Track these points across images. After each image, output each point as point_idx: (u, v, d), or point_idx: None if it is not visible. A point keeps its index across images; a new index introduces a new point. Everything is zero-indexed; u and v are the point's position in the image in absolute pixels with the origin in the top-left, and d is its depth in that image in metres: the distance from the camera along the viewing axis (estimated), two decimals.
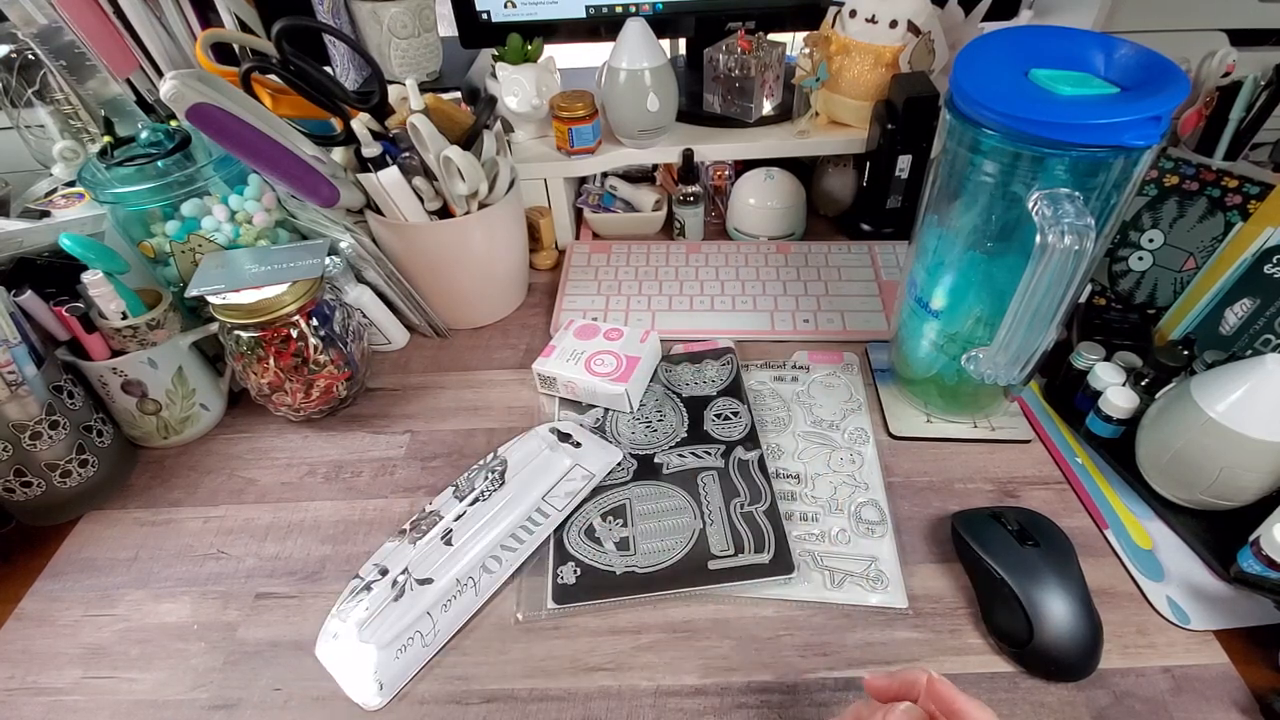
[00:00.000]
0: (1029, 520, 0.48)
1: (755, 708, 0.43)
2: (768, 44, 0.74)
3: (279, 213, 0.64)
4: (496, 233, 0.67)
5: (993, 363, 0.49)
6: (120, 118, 0.71)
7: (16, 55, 0.67)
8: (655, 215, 0.81)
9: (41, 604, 0.50)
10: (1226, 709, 0.42)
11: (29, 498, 0.53)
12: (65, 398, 0.53)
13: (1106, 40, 0.44)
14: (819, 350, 0.66)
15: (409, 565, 0.49)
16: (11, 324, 0.50)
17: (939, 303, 0.53)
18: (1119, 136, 0.40)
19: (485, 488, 0.54)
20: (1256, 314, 0.54)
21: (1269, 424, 0.44)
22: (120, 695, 0.45)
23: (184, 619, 0.49)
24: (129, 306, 0.55)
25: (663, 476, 0.55)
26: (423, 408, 0.64)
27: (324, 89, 0.60)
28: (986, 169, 0.46)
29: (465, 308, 0.71)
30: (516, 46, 0.73)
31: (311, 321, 0.57)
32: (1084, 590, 0.44)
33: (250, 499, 0.57)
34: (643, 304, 0.72)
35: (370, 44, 0.78)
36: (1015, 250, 0.46)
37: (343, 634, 0.46)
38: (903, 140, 0.70)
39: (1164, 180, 0.61)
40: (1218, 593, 0.47)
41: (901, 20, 0.69)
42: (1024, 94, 0.42)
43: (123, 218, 0.60)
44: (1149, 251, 0.62)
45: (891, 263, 0.75)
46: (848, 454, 0.57)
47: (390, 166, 0.60)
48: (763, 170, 0.78)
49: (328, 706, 0.44)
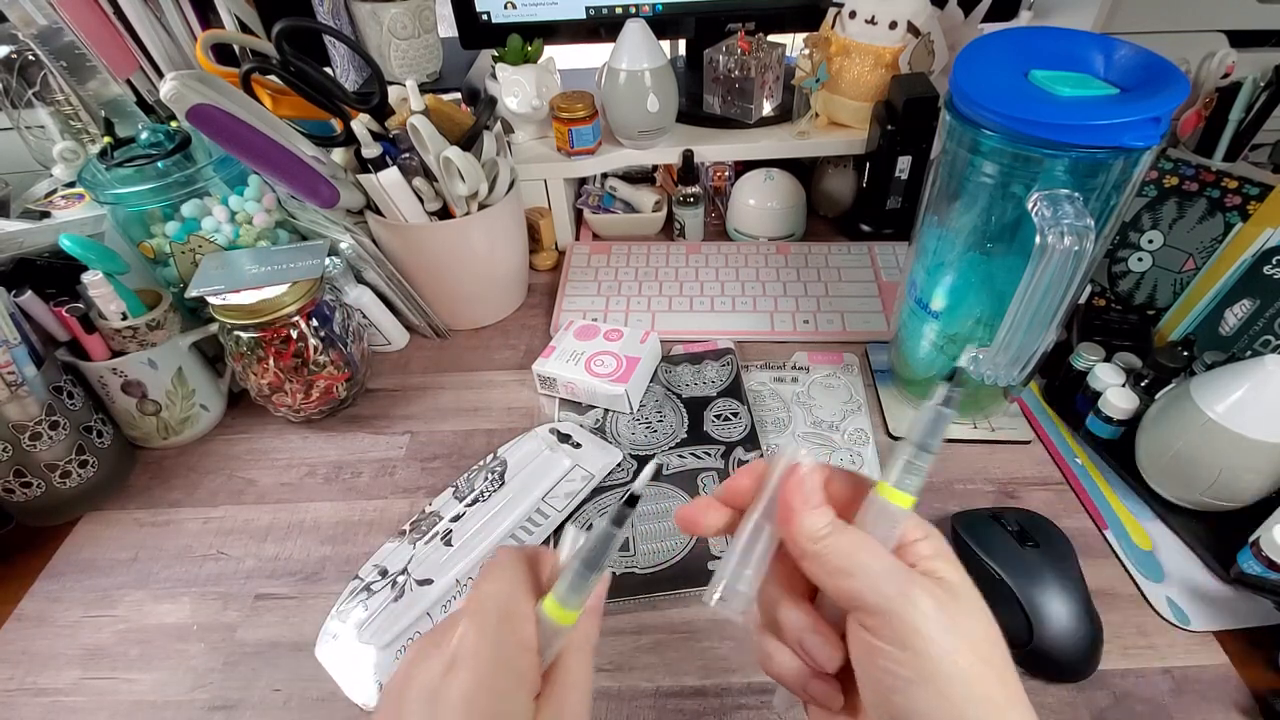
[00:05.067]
0: (1029, 521, 0.48)
1: (755, 708, 0.43)
2: (767, 45, 0.74)
3: (279, 213, 0.64)
4: (496, 233, 0.67)
5: (993, 363, 0.49)
6: (120, 118, 0.71)
7: (17, 56, 0.67)
8: (655, 216, 0.81)
9: (41, 604, 0.50)
10: (1226, 709, 0.42)
11: (29, 498, 0.53)
12: (65, 398, 0.53)
13: (1106, 41, 0.44)
14: (819, 351, 0.66)
15: (409, 566, 0.49)
16: (11, 324, 0.50)
17: (939, 303, 0.53)
18: (1119, 137, 0.40)
19: (485, 488, 0.54)
20: (1256, 315, 0.54)
21: (1269, 424, 0.44)
22: (120, 696, 0.45)
23: (184, 620, 0.49)
24: (129, 307, 0.55)
25: (663, 477, 0.55)
26: (423, 408, 0.64)
27: (324, 90, 0.60)
28: (986, 170, 0.46)
29: (465, 308, 0.71)
30: (516, 47, 0.73)
31: (311, 322, 0.57)
32: (1084, 591, 0.44)
33: (250, 500, 0.57)
34: (643, 305, 0.72)
35: (370, 45, 0.78)
36: (1015, 251, 0.46)
37: (342, 635, 0.46)
38: (902, 141, 0.70)
39: (1164, 181, 0.61)
40: (1218, 593, 0.47)
41: (901, 21, 0.69)
42: (1024, 95, 0.42)
43: (123, 218, 0.60)
44: (1149, 252, 0.62)
45: (891, 263, 0.75)
46: (848, 455, 0.57)
47: (390, 167, 0.60)
48: (762, 171, 0.78)
49: (327, 707, 0.44)
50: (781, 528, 0.26)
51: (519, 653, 0.24)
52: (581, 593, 0.25)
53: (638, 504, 0.26)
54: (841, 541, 0.25)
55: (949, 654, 0.22)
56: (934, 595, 0.23)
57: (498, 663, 0.24)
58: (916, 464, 0.25)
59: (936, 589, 0.24)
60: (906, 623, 0.23)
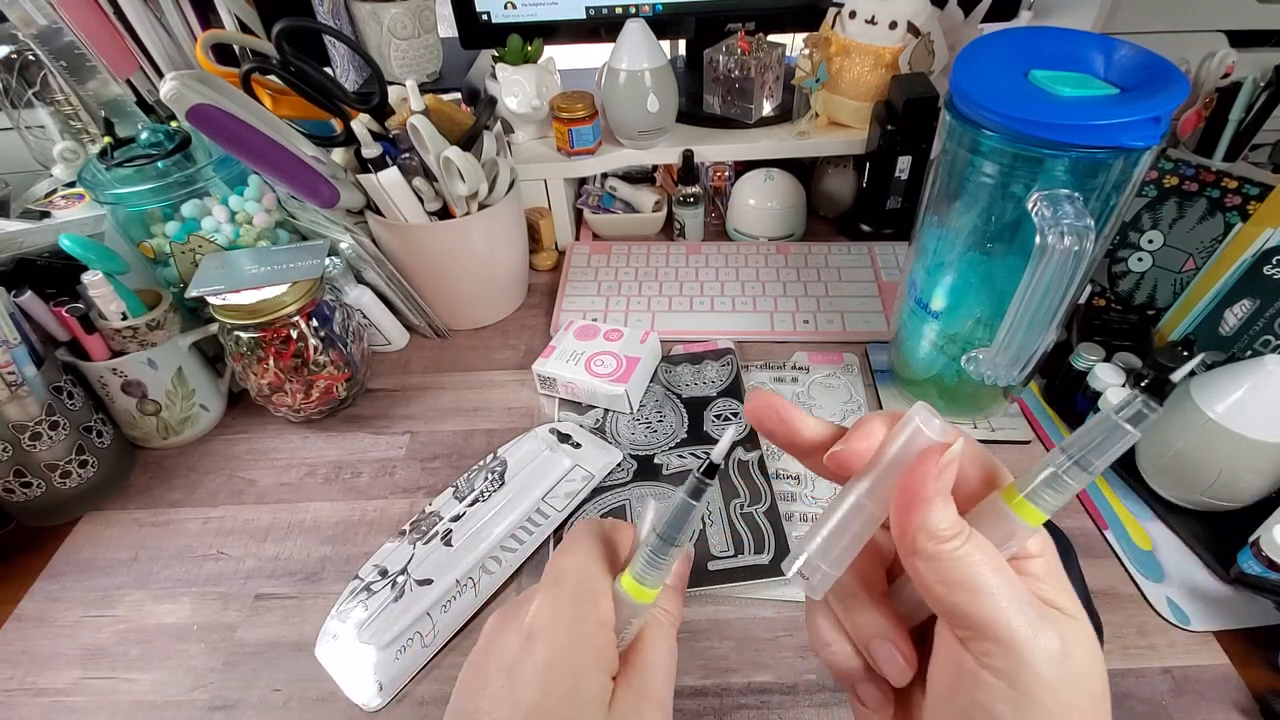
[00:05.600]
0: None
1: (755, 708, 0.43)
2: (767, 45, 0.74)
3: (279, 213, 0.64)
4: (496, 233, 0.67)
5: (993, 363, 0.49)
6: (120, 118, 0.71)
7: (17, 56, 0.67)
8: (655, 216, 0.81)
9: (41, 604, 0.50)
10: (1226, 710, 0.42)
11: (29, 498, 0.53)
12: (65, 398, 0.53)
13: (1106, 41, 0.44)
14: (819, 351, 0.66)
15: (409, 566, 0.49)
16: (11, 324, 0.50)
17: (939, 303, 0.53)
18: (1118, 137, 0.40)
19: (485, 488, 0.54)
20: (1256, 315, 0.54)
21: (1269, 424, 0.44)
22: (120, 696, 0.45)
23: (183, 620, 0.49)
24: (129, 307, 0.55)
25: (662, 477, 0.55)
26: (422, 408, 0.64)
27: (324, 90, 0.60)
28: (986, 170, 0.46)
29: (465, 308, 0.71)
30: (516, 47, 0.73)
31: (311, 322, 0.57)
32: (1084, 591, 0.44)
33: (250, 500, 0.57)
34: (642, 305, 0.72)
35: (370, 45, 0.78)
36: (1015, 251, 0.46)
37: (342, 635, 0.46)
38: (902, 141, 0.70)
39: (1164, 181, 0.61)
40: (1218, 593, 0.47)
41: (901, 21, 0.69)
42: (1024, 95, 0.42)
43: (123, 218, 0.60)
44: (1148, 252, 0.62)
45: (891, 263, 0.75)
46: None
47: (390, 167, 0.60)
48: (762, 171, 0.78)
49: (327, 707, 0.44)
50: (897, 514, 0.22)
51: (596, 629, 0.24)
52: (660, 569, 0.24)
53: (716, 475, 0.23)
54: (971, 552, 0.21)
55: (1064, 707, 0.20)
56: (1064, 639, 0.20)
57: (574, 637, 0.23)
58: (1064, 479, 0.21)
59: (1070, 631, 0.21)
60: (1028, 663, 0.20)
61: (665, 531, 0.24)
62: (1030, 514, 0.21)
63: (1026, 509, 0.21)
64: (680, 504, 0.24)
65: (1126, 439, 0.20)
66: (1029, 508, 0.21)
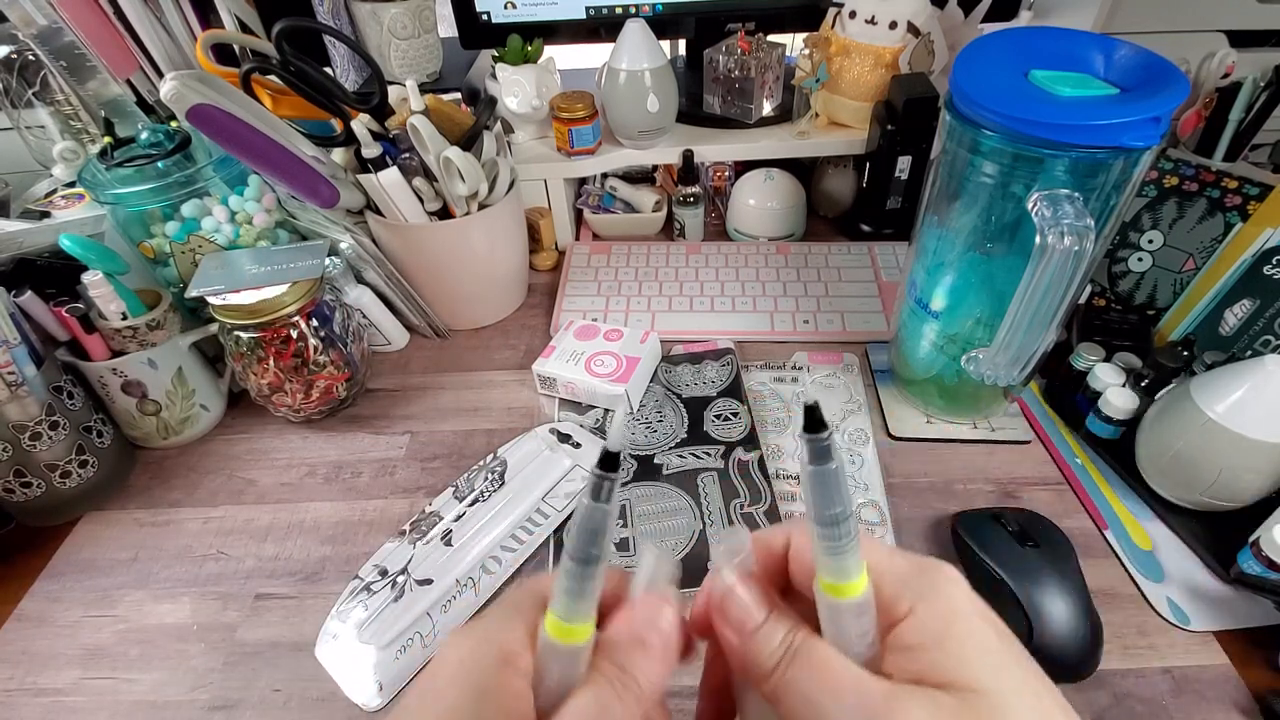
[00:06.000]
0: (1029, 521, 0.48)
1: None
2: (767, 45, 0.74)
3: (279, 213, 0.64)
4: (496, 233, 0.67)
5: (993, 363, 0.49)
6: (120, 118, 0.71)
7: (17, 56, 0.67)
8: (655, 216, 0.81)
9: (41, 604, 0.50)
10: (1226, 710, 0.42)
11: (29, 498, 0.53)
12: (65, 398, 0.53)
13: (1106, 41, 0.44)
14: (819, 351, 0.66)
15: (409, 566, 0.49)
16: (11, 324, 0.50)
17: (939, 303, 0.53)
18: (1119, 137, 0.40)
19: (485, 488, 0.54)
20: (1256, 315, 0.54)
21: (1269, 424, 0.44)
22: (120, 696, 0.45)
23: (183, 620, 0.49)
24: (129, 307, 0.55)
25: (662, 477, 0.55)
26: (423, 408, 0.64)
27: (324, 90, 0.60)
28: (986, 170, 0.46)
29: (465, 308, 0.71)
30: (516, 47, 0.73)
31: (311, 322, 0.57)
32: (1084, 591, 0.44)
33: (250, 500, 0.57)
34: (642, 305, 0.72)
35: (370, 45, 0.78)
36: (1015, 251, 0.46)
37: (342, 635, 0.46)
38: (902, 141, 0.70)
39: (1164, 181, 0.61)
40: (1218, 593, 0.47)
41: (901, 21, 0.69)
42: (1024, 95, 0.42)
43: (123, 218, 0.60)
44: (1148, 252, 0.62)
45: (891, 263, 0.75)
46: (847, 455, 0.57)
47: (390, 167, 0.60)
48: (762, 171, 0.78)
49: (327, 707, 0.44)
50: (732, 663, 0.22)
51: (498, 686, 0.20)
52: (582, 597, 0.21)
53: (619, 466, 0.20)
54: (798, 675, 0.20)
55: None
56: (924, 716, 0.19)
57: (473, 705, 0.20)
58: (835, 543, 0.20)
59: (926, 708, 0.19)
60: None
61: (575, 548, 0.20)
62: (842, 589, 0.21)
63: (835, 588, 0.21)
64: (585, 511, 0.20)
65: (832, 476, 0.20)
66: (836, 586, 0.21)
